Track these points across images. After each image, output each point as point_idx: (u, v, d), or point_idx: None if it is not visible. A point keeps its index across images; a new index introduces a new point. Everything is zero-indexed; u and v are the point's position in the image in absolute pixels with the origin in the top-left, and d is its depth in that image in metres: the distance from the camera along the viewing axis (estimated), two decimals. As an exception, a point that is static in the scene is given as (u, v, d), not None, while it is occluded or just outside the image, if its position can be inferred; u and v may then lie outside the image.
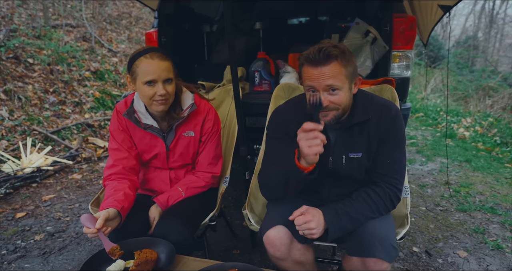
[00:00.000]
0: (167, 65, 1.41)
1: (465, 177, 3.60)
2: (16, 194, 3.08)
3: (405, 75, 2.35)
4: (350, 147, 1.33)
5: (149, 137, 1.57)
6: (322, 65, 1.17)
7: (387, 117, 1.29)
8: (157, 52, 1.41)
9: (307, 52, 1.20)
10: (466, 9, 25.47)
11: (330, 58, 1.17)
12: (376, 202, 1.25)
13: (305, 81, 1.24)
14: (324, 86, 1.18)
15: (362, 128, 1.31)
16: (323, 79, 1.17)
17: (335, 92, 1.20)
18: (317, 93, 1.20)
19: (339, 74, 1.18)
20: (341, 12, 3.55)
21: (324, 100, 1.19)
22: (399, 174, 1.31)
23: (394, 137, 1.30)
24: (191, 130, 1.59)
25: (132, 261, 1.20)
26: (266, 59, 2.54)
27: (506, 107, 7.66)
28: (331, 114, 1.23)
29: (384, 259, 1.16)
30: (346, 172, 1.35)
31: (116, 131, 1.57)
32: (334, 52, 1.17)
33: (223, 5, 1.62)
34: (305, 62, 1.21)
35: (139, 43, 7.90)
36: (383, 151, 1.30)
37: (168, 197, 1.52)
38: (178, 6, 2.97)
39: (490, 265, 2.06)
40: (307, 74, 1.21)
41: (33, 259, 2.13)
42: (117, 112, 1.58)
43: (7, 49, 5.05)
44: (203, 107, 1.62)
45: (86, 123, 4.71)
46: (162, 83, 1.40)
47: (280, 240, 1.25)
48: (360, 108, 1.31)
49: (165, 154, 1.59)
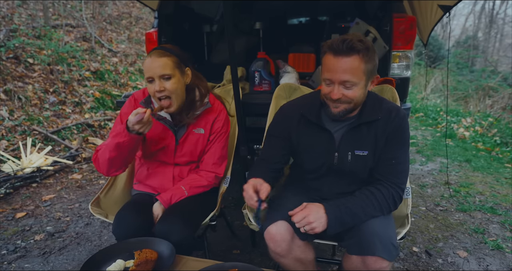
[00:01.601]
0: (164, 61, 1.42)
1: (465, 177, 3.60)
2: (16, 194, 3.08)
3: (405, 75, 2.35)
4: (356, 144, 1.34)
5: (161, 128, 1.58)
6: (343, 56, 1.17)
7: (396, 118, 1.31)
8: (158, 50, 1.44)
9: (331, 40, 1.21)
10: (466, 9, 25.47)
11: (352, 50, 1.17)
12: (379, 200, 1.25)
13: (323, 72, 1.25)
14: (340, 81, 1.20)
15: (370, 127, 1.32)
16: (341, 72, 1.18)
17: (350, 87, 1.21)
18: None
19: (358, 70, 1.18)
20: (341, 12, 3.55)
21: (337, 94, 1.21)
22: (403, 174, 1.32)
23: (401, 138, 1.32)
24: (202, 128, 1.62)
25: (132, 261, 1.20)
26: (266, 59, 2.54)
27: (506, 107, 7.66)
28: (342, 107, 1.25)
29: (384, 257, 1.16)
30: (350, 169, 1.35)
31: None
32: (358, 46, 1.17)
33: (223, 5, 1.62)
34: (328, 50, 1.21)
35: (139, 43, 7.90)
36: (389, 151, 1.31)
37: (171, 195, 1.52)
38: (178, 6, 2.97)
39: (490, 265, 2.06)
40: (327, 64, 1.22)
41: (33, 259, 2.13)
42: (134, 99, 1.62)
43: (7, 49, 5.05)
44: (216, 107, 1.65)
45: (86, 123, 4.71)
46: (159, 80, 1.42)
47: (281, 236, 1.25)
48: (370, 108, 1.33)
49: (173, 147, 1.60)
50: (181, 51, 1.51)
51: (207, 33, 3.32)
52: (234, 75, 1.72)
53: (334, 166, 1.36)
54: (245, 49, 3.18)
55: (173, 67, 1.44)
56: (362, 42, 1.18)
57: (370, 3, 2.90)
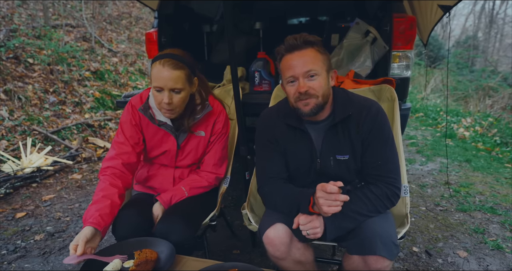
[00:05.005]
0: (177, 74, 1.38)
1: (465, 177, 3.60)
2: (16, 194, 3.08)
3: (405, 75, 2.35)
4: (336, 149, 1.33)
5: (162, 133, 1.57)
6: (300, 49, 1.24)
7: (367, 118, 1.29)
8: (170, 59, 1.38)
9: (284, 44, 1.27)
10: (466, 9, 25.49)
11: (307, 44, 1.25)
12: (373, 201, 1.24)
13: (285, 73, 1.28)
14: (303, 73, 1.23)
15: (344, 128, 1.32)
16: (301, 64, 1.23)
17: (314, 78, 1.24)
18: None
19: (316, 59, 1.24)
20: (341, 12, 3.55)
21: (304, 86, 1.23)
22: (393, 172, 1.30)
23: (379, 137, 1.29)
24: (202, 130, 1.61)
25: (132, 261, 1.20)
26: (266, 59, 2.54)
27: (506, 107, 7.67)
28: (312, 103, 1.26)
29: (385, 256, 1.16)
30: (335, 173, 1.35)
31: (126, 124, 1.55)
32: (310, 39, 1.26)
33: (223, 5, 1.62)
34: (284, 52, 1.27)
35: (139, 43, 7.91)
36: (372, 152, 1.30)
37: (172, 196, 1.52)
38: (178, 6, 2.97)
39: (490, 265, 2.06)
40: (287, 63, 1.26)
41: (33, 259, 2.13)
42: (132, 106, 1.57)
43: (7, 49, 5.05)
44: (216, 109, 1.63)
45: (86, 123, 4.71)
46: (168, 92, 1.39)
47: (280, 239, 1.25)
48: (340, 105, 1.33)
49: (175, 151, 1.60)
50: (191, 59, 1.47)
51: (207, 33, 3.32)
52: (234, 75, 1.72)
53: (319, 171, 1.36)
54: (245, 49, 3.18)
55: (185, 80, 1.42)
56: (313, 36, 1.26)
57: (370, 3, 2.90)
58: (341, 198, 1.11)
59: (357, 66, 2.43)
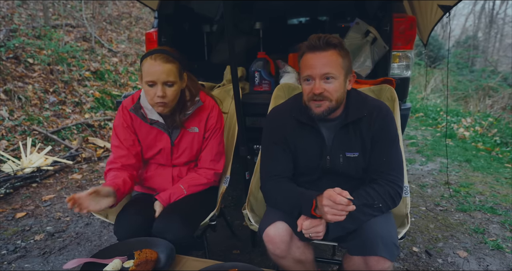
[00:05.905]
0: (169, 68, 1.40)
1: (465, 177, 3.60)
2: (16, 194, 3.08)
3: (405, 75, 2.35)
4: (347, 146, 1.35)
5: (155, 132, 1.58)
6: (321, 50, 1.23)
7: (378, 117, 1.32)
8: (162, 54, 1.41)
9: (307, 41, 1.26)
10: (466, 9, 25.46)
11: (329, 45, 1.23)
12: (376, 200, 1.25)
13: (303, 71, 1.27)
14: (321, 74, 1.23)
15: (356, 127, 1.34)
16: (320, 66, 1.22)
17: (330, 81, 1.24)
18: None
19: (336, 63, 1.23)
20: (341, 12, 3.55)
21: (319, 88, 1.23)
22: (396, 170, 1.32)
23: (387, 136, 1.33)
24: (196, 126, 1.61)
25: (132, 261, 1.20)
26: (266, 59, 2.54)
27: (506, 107, 7.67)
28: (325, 106, 1.26)
29: (386, 257, 1.16)
30: (343, 171, 1.36)
31: (119, 127, 1.58)
32: (333, 40, 1.24)
33: (223, 5, 1.62)
34: (306, 50, 1.26)
35: (139, 43, 7.91)
36: (378, 150, 1.32)
37: (170, 194, 1.53)
38: (178, 6, 2.97)
39: (490, 265, 2.06)
40: (306, 62, 1.26)
41: (33, 259, 2.13)
42: (123, 108, 1.59)
43: (7, 49, 5.05)
44: (208, 104, 1.63)
45: (86, 123, 4.71)
46: (162, 86, 1.41)
47: (280, 237, 1.25)
48: (354, 106, 1.34)
49: (169, 149, 1.60)
50: (180, 55, 1.50)
51: (207, 33, 3.32)
52: (234, 75, 1.72)
53: (327, 168, 1.37)
54: (245, 49, 3.17)
55: (177, 74, 1.44)
56: (335, 38, 1.25)
57: (370, 3, 2.90)
58: (349, 209, 1.10)
59: (357, 66, 2.43)
